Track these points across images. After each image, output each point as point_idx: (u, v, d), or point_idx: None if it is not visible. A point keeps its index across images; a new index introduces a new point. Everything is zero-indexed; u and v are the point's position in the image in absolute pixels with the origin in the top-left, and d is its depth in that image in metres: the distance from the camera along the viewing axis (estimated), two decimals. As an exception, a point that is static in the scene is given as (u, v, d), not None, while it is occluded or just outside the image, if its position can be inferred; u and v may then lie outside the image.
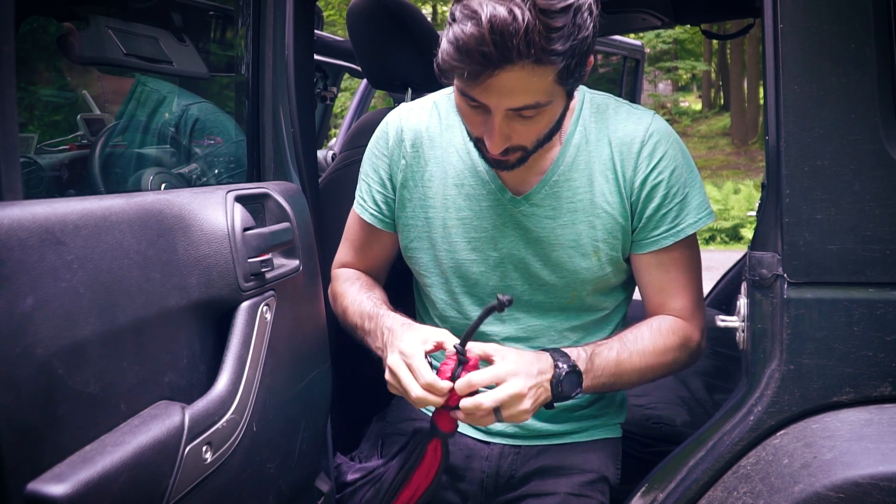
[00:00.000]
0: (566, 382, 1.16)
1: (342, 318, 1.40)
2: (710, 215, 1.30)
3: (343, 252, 1.49)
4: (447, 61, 1.07)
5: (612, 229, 1.28)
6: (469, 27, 1.02)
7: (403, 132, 1.36)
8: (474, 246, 1.32)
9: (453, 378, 1.12)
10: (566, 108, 1.20)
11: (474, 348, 1.15)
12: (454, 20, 1.05)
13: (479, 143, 1.21)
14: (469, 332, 1.13)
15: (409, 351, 1.14)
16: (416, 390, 1.11)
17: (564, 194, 1.28)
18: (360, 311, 1.34)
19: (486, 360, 1.15)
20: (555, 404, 1.19)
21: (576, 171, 1.28)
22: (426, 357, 1.13)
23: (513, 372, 1.11)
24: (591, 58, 1.14)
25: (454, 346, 1.14)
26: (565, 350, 1.20)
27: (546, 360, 1.17)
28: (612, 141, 1.28)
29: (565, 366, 1.16)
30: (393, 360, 1.16)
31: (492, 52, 1.02)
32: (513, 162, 1.21)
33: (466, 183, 1.32)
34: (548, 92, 1.09)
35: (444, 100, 1.39)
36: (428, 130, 1.36)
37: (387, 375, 1.17)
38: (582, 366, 1.19)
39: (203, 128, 1.68)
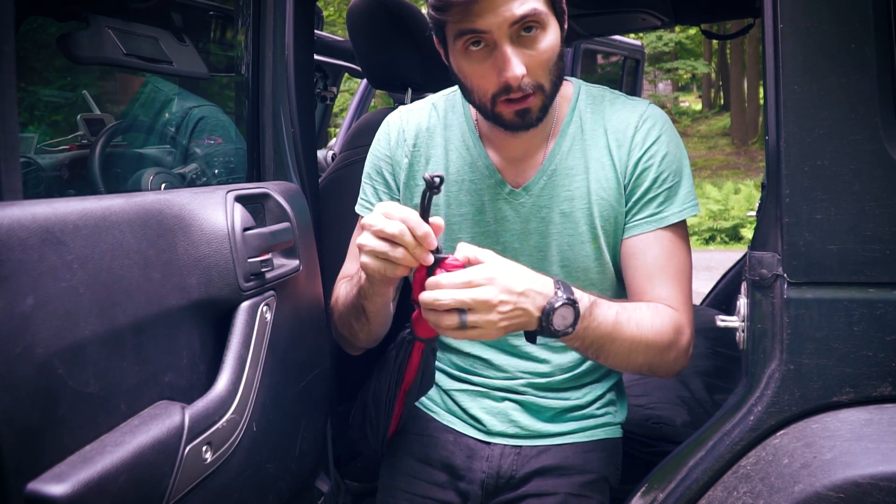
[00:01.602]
0: (558, 316, 1.05)
1: (337, 323, 1.35)
2: (695, 207, 1.28)
3: (347, 267, 1.44)
4: None
5: (610, 216, 1.28)
6: None
7: (405, 132, 1.37)
8: (477, 241, 1.32)
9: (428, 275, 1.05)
10: (563, 46, 1.19)
11: (464, 250, 1.06)
12: None
13: (498, 102, 1.18)
14: (421, 214, 1.04)
15: (378, 207, 1.06)
16: (393, 225, 1.03)
17: (561, 182, 1.29)
18: (347, 291, 1.30)
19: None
20: (537, 339, 1.10)
21: (572, 160, 1.29)
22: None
23: (488, 278, 1.02)
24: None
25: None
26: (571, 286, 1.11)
27: (545, 283, 1.07)
28: (607, 129, 1.29)
29: (564, 296, 1.06)
30: (367, 219, 1.06)
31: None
32: (535, 112, 1.19)
33: (466, 178, 1.33)
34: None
35: (441, 100, 1.40)
36: (428, 129, 1.37)
37: (360, 241, 1.07)
38: (582, 309, 1.09)
39: (204, 131, 1.68)
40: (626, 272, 1.30)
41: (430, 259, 1.05)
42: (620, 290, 1.37)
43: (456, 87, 1.35)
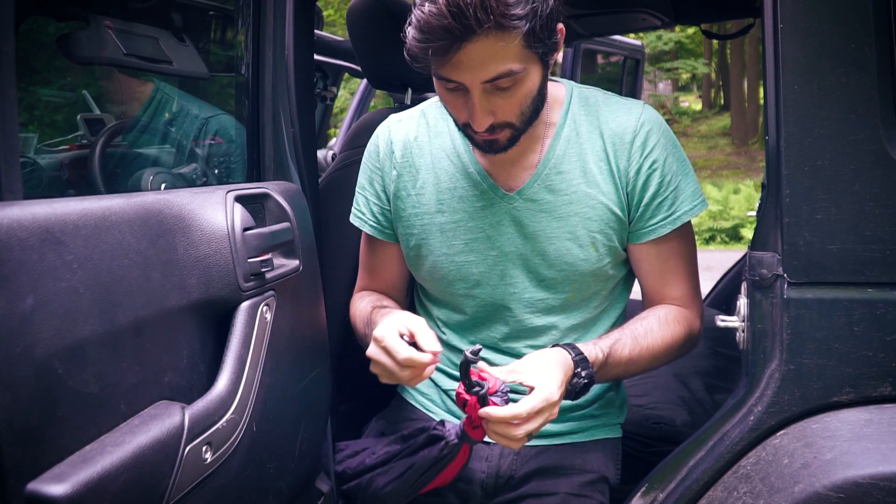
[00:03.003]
0: (579, 392, 1.19)
1: (360, 341, 1.39)
2: (704, 203, 1.32)
3: (359, 278, 1.50)
4: (414, 44, 1.10)
5: (608, 219, 1.28)
6: (427, 7, 1.06)
7: (393, 144, 1.38)
8: (472, 247, 1.32)
9: (471, 394, 1.12)
10: (545, 79, 1.20)
11: (500, 375, 1.14)
12: (415, 4, 1.09)
13: (467, 129, 1.21)
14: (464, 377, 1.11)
15: (380, 335, 1.15)
16: (404, 371, 1.13)
17: (558, 186, 1.28)
18: (364, 320, 1.34)
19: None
20: None
21: (567, 164, 1.29)
22: (403, 337, 1.14)
23: (539, 408, 1.09)
24: (561, 25, 1.16)
25: (465, 386, 1.12)
26: (585, 352, 1.20)
27: (569, 369, 1.17)
28: (603, 132, 1.29)
29: (584, 377, 1.18)
30: (370, 351, 1.17)
31: (452, 24, 1.04)
32: (503, 142, 1.21)
33: (459, 185, 1.33)
34: (518, 58, 1.11)
35: (431, 108, 1.40)
36: (417, 140, 1.37)
37: (371, 367, 1.18)
38: (596, 369, 1.20)
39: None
40: (638, 274, 1.36)
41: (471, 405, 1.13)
42: (618, 291, 1.38)
43: None
